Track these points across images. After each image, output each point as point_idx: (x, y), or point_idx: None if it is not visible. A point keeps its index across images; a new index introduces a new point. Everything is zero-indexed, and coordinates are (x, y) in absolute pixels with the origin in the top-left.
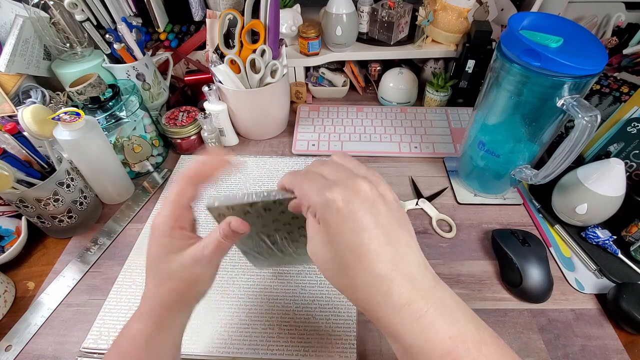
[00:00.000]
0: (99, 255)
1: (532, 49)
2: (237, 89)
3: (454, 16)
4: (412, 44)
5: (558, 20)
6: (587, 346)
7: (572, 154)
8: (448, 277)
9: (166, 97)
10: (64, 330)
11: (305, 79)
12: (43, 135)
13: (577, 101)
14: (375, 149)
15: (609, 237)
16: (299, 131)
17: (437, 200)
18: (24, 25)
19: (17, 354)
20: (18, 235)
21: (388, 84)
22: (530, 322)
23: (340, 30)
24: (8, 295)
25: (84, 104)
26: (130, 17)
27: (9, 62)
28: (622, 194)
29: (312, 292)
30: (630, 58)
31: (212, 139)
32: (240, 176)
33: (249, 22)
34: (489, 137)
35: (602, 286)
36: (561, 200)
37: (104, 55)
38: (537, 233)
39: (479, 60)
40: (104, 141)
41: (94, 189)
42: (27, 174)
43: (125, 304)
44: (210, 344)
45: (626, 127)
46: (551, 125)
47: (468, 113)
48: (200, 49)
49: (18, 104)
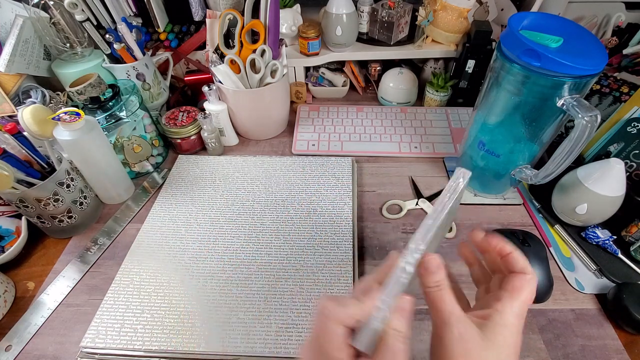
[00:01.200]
0: (99, 255)
1: (532, 49)
2: (237, 89)
3: (454, 16)
4: (412, 44)
5: (558, 20)
6: (587, 346)
7: (572, 154)
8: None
9: (166, 97)
10: (64, 330)
11: (305, 79)
12: (43, 135)
13: (577, 101)
14: (375, 149)
15: (609, 237)
16: (299, 131)
17: None
18: (24, 25)
19: (17, 354)
20: (18, 235)
21: (388, 84)
22: (530, 322)
23: (340, 30)
24: (8, 295)
25: (84, 104)
26: (130, 17)
27: (9, 62)
28: (622, 194)
29: (310, 291)
30: (630, 58)
31: (212, 139)
32: (241, 176)
33: (249, 22)
34: (489, 137)
35: (602, 286)
36: (561, 200)
37: (104, 55)
38: (537, 233)
39: (479, 60)
40: (104, 141)
41: (94, 189)
42: (27, 174)
43: (122, 303)
44: (209, 343)
45: (626, 127)
46: (551, 125)
47: (468, 113)
48: (200, 49)
49: (18, 104)
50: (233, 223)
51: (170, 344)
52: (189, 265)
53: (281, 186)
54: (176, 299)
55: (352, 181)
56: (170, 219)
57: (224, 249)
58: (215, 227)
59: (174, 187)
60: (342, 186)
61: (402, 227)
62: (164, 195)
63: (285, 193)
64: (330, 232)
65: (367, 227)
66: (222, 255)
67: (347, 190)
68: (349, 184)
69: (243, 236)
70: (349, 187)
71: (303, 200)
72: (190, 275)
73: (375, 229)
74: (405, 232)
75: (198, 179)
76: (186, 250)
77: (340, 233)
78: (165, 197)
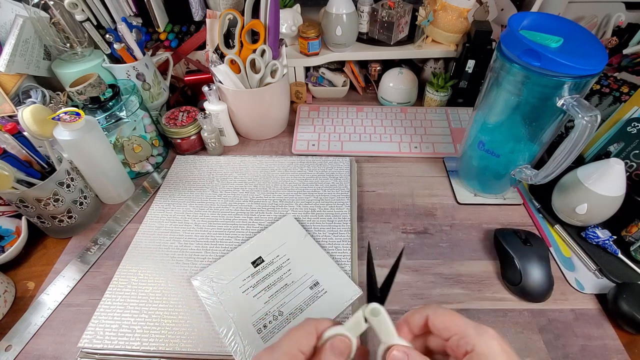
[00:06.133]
0: (99, 255)
1: (532, 49)
2: (237, 89)
3: (454, 16)
4: (412, 44)
5: (558, 20)
6: (587, 346)
7: (572, 154)
8: (448, 277)
9: (166, 97)
10: (64, 330)
11: (305, 79)
12: (43, 135)
13: (577, 101)
14: (375, 149)
15: (609, 237)
16: (299, 131)
17: (436, 200)
18: (24, 25)
19: (17, 354)
20: (18, 235)
21: (388, 84)
22: (530, 322)
23: (340, 30)
24: (8, 295)
25: (84, 104)
26: (130, 17)
27: (9, 62)
28: (622, 194)
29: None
30: (630, 58)
31: (212, 139)
32: (239, 176)
33: (249, 22)
34: (489, 137)
35: (602, 286)
36: (561, 200)
37: (104, 55)
38: (537, 233)
39: (479, 60)
40: (104, 141)
41: (94, 189)
42: (27, 174)
43: (120, 303)
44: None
45: (626, 127)
46: (551, 125)
47: (468, 113)
48: (200, 49)
49: (18, 104)
50: (231, 223)
51: (168, 344)
52: (187, 265)
53: (280, 186)
54: (174, 299)
55: (351, 181)
56: (168, 220)
57: (222, 248)
58: (213, 227)
59: (172, 187)
60: (341, 186)
61: (402, 227)
62: (162, 196)
63: (283, 193)
64: (329, 232)
65: (367, 227)
66: (220, 256)
67: (346, 191)
68: (347, 184)
69: (241, 236)
70: (347, 187)
71: (301, 200)
72: (189, 275)
73: (375, 229)
74: (406, 232)
75: (196, 179)
76: (184, 250)
77: (339, 233)
78: (163, 198)
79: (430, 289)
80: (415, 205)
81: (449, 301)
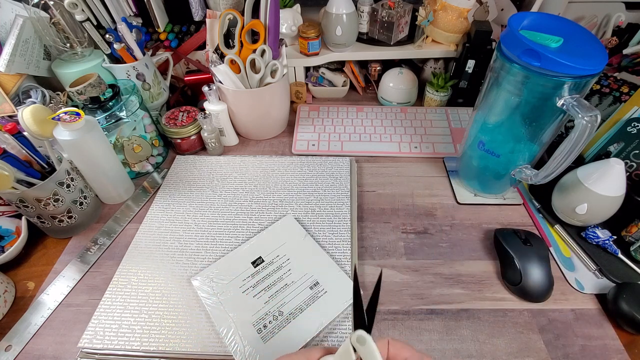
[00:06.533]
0: (99, 255)
1: (532, 49)
2: (237, 89)
3: (454, 16)
4: (412, 44)
5: (558, 20)
6: (587, 346)
7: (572, 154)
8: (448, 277)
9: (166, 97)
10: (64, 330)
11: (305, 79)
12: (43, 135)
13: (577, 101)
14: (375, 149)
15: (609, 237)
16: (299, 131)
17: (436, 200)
18: (24, 25)
19: (17, 354)
20: (18, 235)
21: (388, 84)
22: (530, 322)
23: (340, 30)
24: (8, 295)
25: (84, 104)
26: (130, 17)
27: (9, 62)
28: (622, 194)
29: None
30: (630, 58)
31: (212, 139)
32: (239, 176)
33: (249, 22)
34: (489, 137)
35: (602, 286)
36: (561, 200)
37: (104, 55)
38: (537, 233)
39: (479, 60)
40: (104, 141)
41: (94, 189)
42: (27, 174)
43: (120, 303)
44: (207, 343)
45: (626, 127)
46: (551, 125)
47: (468, 113)
48: (200, 49)
49: (18, 104)
50: (231, 223)
51: (168, 344)
52: (187, 265)
53: (280, 186)
54: (174, 299)
55: (351, 181)
56: (168, 220)
57: (222, 248)
58: (213, 227)
59: (172, 187)
60: (341, 186)
61: (402, 227)
62: (162, 196)
63: (283, 193)
64: (329, 232)
65: (367, 227)
66: (220, 256)
67: (346, 190)
68: (347, 184)
69: (241, 236)
70: (347, 187)
71: (301, 200)
72: (189, 275)
73: (375, 229)
74: (406, 232)
75: (196, 179)
76: (184, 250)
77: (339, 233)
78: (163, 198)
79: (430, 289)
80: (415, 205)
81: (449, 301)
